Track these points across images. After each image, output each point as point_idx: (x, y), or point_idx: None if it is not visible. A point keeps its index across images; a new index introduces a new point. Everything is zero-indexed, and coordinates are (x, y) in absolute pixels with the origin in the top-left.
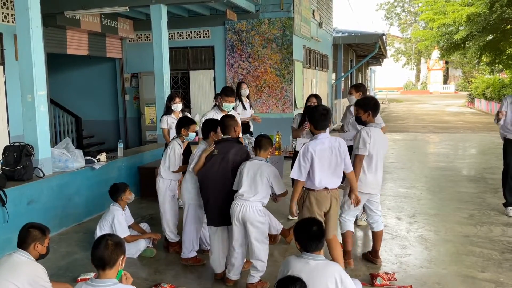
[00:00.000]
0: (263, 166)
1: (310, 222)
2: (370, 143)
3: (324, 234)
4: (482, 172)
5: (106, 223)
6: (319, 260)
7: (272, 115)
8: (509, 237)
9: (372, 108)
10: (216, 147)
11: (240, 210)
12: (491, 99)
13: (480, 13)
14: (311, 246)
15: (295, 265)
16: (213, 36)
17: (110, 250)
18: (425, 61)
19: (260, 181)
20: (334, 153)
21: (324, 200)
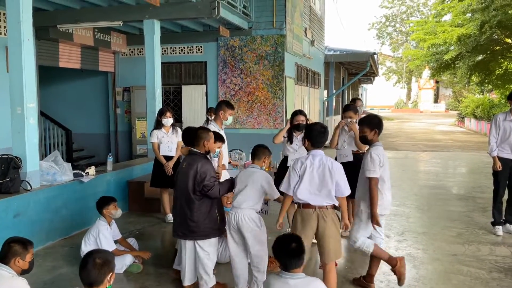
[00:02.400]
0: (256, 173)
1: (288, 239)
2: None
3: (302, 251)
4: (471, 190)
5: (91, 237)
6: (298, 278)
7: (263, 131)
8: (497, 256)
9: (378, 126)
10: (186, 159)
11: (234, 219)
12: (481, 118)
13: (470, 34)
14: (290, 264)
15: (275, 285)
16: (206, 51)
17: (97, 269)
18: (416, 80)
19: (251, 187)
20: (323, 171)
21: (308, 218)
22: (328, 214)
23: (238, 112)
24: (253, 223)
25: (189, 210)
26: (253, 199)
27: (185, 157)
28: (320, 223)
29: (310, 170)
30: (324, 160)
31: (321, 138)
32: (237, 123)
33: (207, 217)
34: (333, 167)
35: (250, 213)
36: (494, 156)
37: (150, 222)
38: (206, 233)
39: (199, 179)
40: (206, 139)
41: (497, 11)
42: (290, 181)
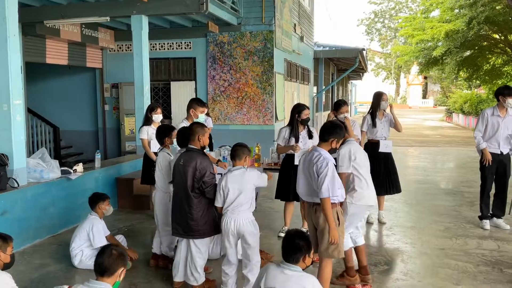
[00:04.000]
0: (244, 175)
1: (293, 234)
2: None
3: (301, 250)
4: (458, 185)
5: (83, 232)
6: (295, 271)
7: (253, 127)
8: (484, 250)
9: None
10: (183, 156)
11: (234, 225)
12: (469, 113)
13: (458, 29)
14: (288, 257)
15: (271, 272)
16: (195, 47)
17: (112, 259)
18: (405, 76)
19: (245, 191)
20: (309, 167)
21: (307, 213)
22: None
23: (228, 108)
24: (252, 225)
25: (188, 208)
26: (248, 202)
27: (182, 154)
28: (313, 219)
29: (303, 164)
30: (314, 157)
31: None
32: (226, 119)
33: (206, 215)
34: (316, 166)
35: (249, 216)
36: (483, 148)
37: (139, 219)
38: (204, 232)
39: (199, 176)
40: (201, 133)
41: (484, 6)
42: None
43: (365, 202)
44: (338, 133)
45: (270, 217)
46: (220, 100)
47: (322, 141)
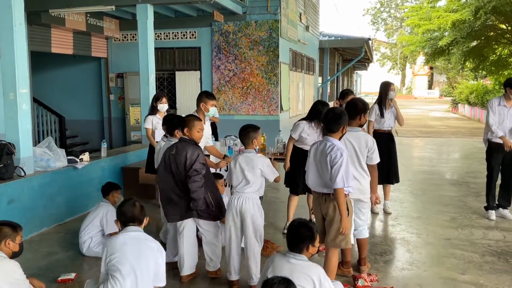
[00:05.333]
0: (253, 159)
1: (298, 224)
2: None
3: (305, 240)
4: (464, 176)
5: (96, 218)
6: (300, 260)
7: (258, 117)
8: (490, 240)
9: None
10: (176, 146)
11: (237, 203)
12: (475, 104)
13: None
14: (292, 247)
15: (277, 262)
16: (200, 37)
17: (138, 209)
18: (410, 66)
19: (252, 173)
20: (324, 159)
21: (314, 203)
22: (330, 201)
23: (233, 98)
24: (256, 207)
25: (186, 197)
26: (255, 184)
27: (175, 143)
28: (322, 209)
29: (314, 154)
30: (327, 147)
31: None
32: (231, 109)
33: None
34: (330, 156)
35: (254, 197)
36: (501, 136)
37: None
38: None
39: (189, 165)
40: (197, 127)
41: None
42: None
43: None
44: (344, 119)
45: (275, 207)
46: (225, 90)
47: (331, 132)
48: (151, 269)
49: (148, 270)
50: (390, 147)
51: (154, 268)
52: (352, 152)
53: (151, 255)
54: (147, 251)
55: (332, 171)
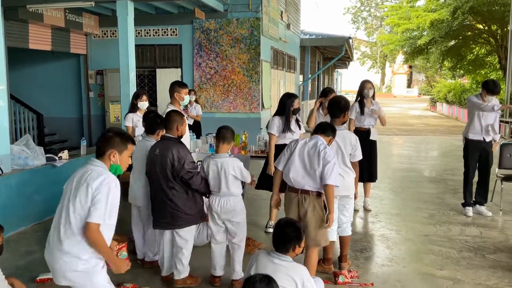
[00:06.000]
0: (225, 163)
1: (285, 223)
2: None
3: (291, 240)
4: (442, 173)
5: None
6: (284, 260)
7: (239, 115)
8: (467, 236)
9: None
10: (158, 146)
11: (219, 202)
12: (452, 103)
13: (443, 19)
14: (277, 247)
15: (261, 261)
16: (181, 34)
17: (102, 140)
18: (390, 65)
19: (225, 178)
20: (313, 154)
21: (290, 202)
22: (309, 200)
23: (214, 96)
24: (238, 205)
25: (170, 199)
26: (233, 186)
27: (156, 143)
28: (300, 208)
29: (300, 150)
30: (318, 144)
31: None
32: (213, 107)
33: (190, 203)
34: (323, 153)
35: (234, 197)
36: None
37: (125, 207)
38: (189, 221)
39: (179, 166)
40: (180, 122)
41: None
42: (281, 157)
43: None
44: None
45: (256, 205)
46: (206, 87)
47: (335, 117)
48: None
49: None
50: (371, 145)
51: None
52: (337, 150)
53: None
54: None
55: (325, 169)
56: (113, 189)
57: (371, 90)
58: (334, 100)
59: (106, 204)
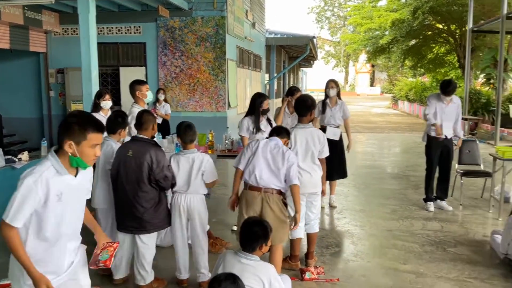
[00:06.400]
0: (195, 158)
1: (252, 222)
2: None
3: (259, 239)
4: (404, 169)
5: None
6: (251, 260)
7: (205, 114)
8: (429, 231)
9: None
10: (131, 147)
11: (183, 201)
12: (414, 101)
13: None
14: (245, 246)
15: (228, 261)
16: (145, 32)
17: None
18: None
19: (196, 175)
20: (277, 154)
21: (252, 200)
22: (273, 198)
23: (180, 95)
24: (202, 206)
25: (139, 203)
26: (197, 183)
27: (126, 143)
28: (264, 206)
29: (263, 149)
30: (280, 145)
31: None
32: (178, 106)
33: (158, 208)
34: (287, 154)
35: (198, 196)
36: (434, 123)
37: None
38: (157, 226)
39: (157, 169)
40: (154, 122)
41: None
42: (241, 157)
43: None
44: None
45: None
46: (171, 86)
47: (302, 116)
48: None
49: None
50: (337, 144)
51: None
52: (304, 147)
53: None
54: None
55: (290, 170)
56: (28, 185)
57: (332, 89)
58: (300, 99)
59: (13, 200)
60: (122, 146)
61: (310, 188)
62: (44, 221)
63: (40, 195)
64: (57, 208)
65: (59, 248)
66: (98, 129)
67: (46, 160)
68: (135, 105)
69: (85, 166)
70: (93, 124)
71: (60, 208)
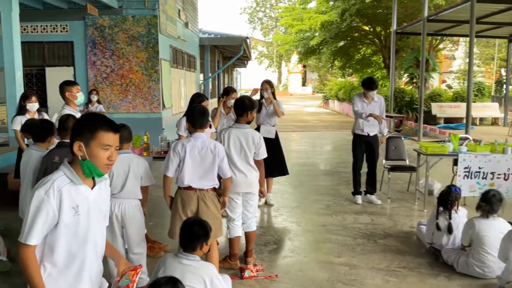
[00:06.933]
0: (133, 160)
1: (193, 222)
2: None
3: (199, 238)
4: (336, 166)
5: None
6: (192, 260)
7: (139, 115)
8: (360, 224)
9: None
10: (56, 152)
11: (118, 209)
12: (343, 100)
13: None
14: (185, 246)
15: (169, 263)
16: (72, 31)
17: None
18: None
19: (132, 177)
20: (205, 153)
21: (189, 200)
22: (208, 196)
23: (111, 95)
24: (138, 211)
25: None
26: (134, 187)
27: (52, 149)
28: (200, 205)
29: (192, 153)
30: (206, 143)
31: (200, 120)
32: (110, 107)
33: None
34: (216, 150)
35: (134, 201)
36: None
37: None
38: None
39: None
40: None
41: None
42: (169, 163)
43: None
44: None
45: (161, 206)
46: (102, 87)
47: (239, 116)
48: None
49: None
50: (272, 142)
51: None
52: (240, 148)
53: None
54: None
55: (223, 164)
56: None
57: (267, 90)
58: (239, 100)
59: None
60: (49, 153)
61: (245, 188)
62: (58, 240)
63: (53, 206)
64: (74, 224)
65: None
66: (110, 128)
67: (58, 170)
68: (66, 106)
69: (99, 173)
70: (103, 122)
71: (77, 225)
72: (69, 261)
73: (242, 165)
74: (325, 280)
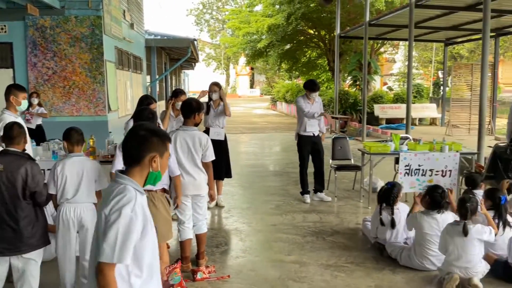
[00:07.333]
0: (87, 164)
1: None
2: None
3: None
4: (285, 167)
5: None
6: None
7: (83, 118)
8: (309, 222)
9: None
10: (1, 161)
11: (75, 214)
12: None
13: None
14: None
15: None
16: (11, 31)
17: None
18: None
19: (86, 181)
20: None
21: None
22: (157, 197)
23: (54, 98)
24: (93, 215)
25: (14, 220)
26: (89, 191)
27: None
28: (149, 206)
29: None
30: None
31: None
32: (52, 110)
33: (37, 226)
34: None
35: (89, 205)
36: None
37: None
38: (33, 245)
39: (33, 184)
40: (25, 134)
41: (301, 4)
42: (116, 163)
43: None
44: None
45: None
46: (44, 89)
47: (187, 118)
48: None
49: None
50: (221, 144)
51: None
52: (187, 150)
53: None
54: None
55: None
56: (128, 215)
57: (215, 92)
58: (186, 102)
59: (114, 237)
60: None
61: (194, 190)
62: (141, 255)
63: (140, 223)
64: (152, 237)
65: (155, 286)
66: (170, 139)
67: (120, 184)
68: (6, 111)
69: (160, 180)
70: (167, 135)
71: (154, 237)
72: (152, 271)
73: (190, 167)
74: (276, 278)
